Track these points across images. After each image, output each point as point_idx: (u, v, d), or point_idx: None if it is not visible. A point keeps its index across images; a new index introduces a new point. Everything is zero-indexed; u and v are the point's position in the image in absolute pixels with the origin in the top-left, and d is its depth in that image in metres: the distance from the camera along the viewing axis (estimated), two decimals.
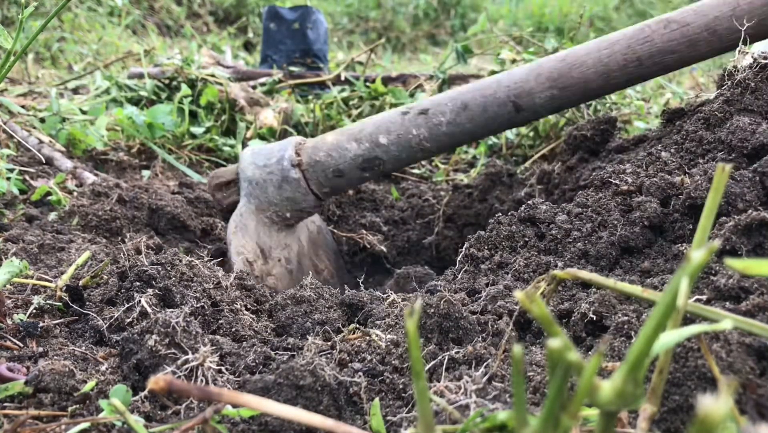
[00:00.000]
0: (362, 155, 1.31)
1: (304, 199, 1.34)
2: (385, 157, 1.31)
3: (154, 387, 0.40)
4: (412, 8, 7.25)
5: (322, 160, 1.32)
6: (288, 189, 1.32)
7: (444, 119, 1.27)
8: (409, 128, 1.29)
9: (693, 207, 0.92)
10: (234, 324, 0.92)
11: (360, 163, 1.31)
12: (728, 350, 0.60)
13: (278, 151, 1.35)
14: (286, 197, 1.33)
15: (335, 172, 1.32)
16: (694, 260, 0.39)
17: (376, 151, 1.30)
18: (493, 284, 0.95)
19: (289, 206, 1.34)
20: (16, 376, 0.73)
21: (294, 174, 1.32)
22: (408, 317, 0.40)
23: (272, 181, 1.33)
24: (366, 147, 1.30)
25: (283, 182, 1.32)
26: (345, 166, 1.31)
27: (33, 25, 3.27)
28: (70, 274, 0.99)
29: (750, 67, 1.05)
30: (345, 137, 1.33)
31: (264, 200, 1.34)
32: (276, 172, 1.33)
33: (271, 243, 1.36)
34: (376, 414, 0.66)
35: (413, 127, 1.28)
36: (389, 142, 1.29)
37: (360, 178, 1.35)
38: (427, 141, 1.28)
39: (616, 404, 0.36)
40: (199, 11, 6.01)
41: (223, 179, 1.43)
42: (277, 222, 1.36)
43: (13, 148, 1.75)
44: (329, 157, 1.32)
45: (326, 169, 1.32)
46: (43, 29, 0.94)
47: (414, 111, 1.29)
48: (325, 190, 1.35)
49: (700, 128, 1.05)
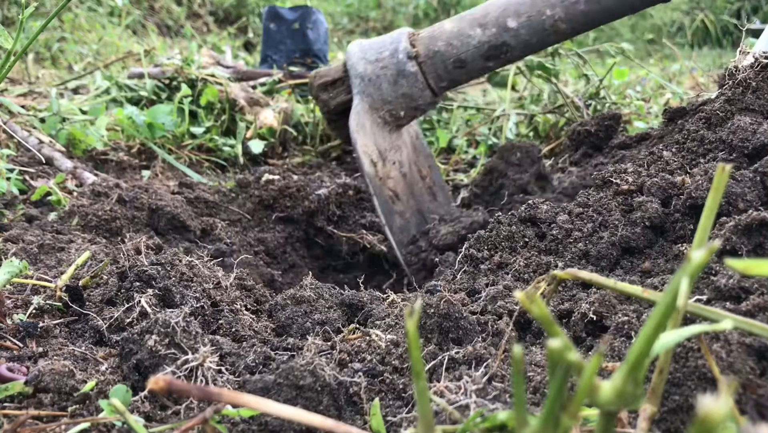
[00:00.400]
0: (488, 42, 1.21)
1: (421, 96, 1.25)
2: (513, 43, 1.21)
3: (154, 387, 0.40)
4: (412, 8, 7.26)
5: (441, 51, 1.23)
6: (404, 84, 1.24)
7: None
8: (543, 9, 1.19)
9: (694, 207, 0.92)
10: (234, 324, 0.92)
11: (485, 51, 1.21)
12: (728, 350, 0.60)
13: (390, 44, 1.26)
14: (402, 93, 1.25)
15: (456, 63, 1.23)
16: (694, 260, 0.39)
17: (504, 37, 1.20)
18: (493, 284, 0.95)
19: (404, 104, 1.26)
20: (16, 376, 0.73)
21: (411, 67, 1.24)
22: (408, 317, 0.40)
23: (386, 76, 1.25)
24: (492, 33, 1.21)
25: (399, 77, 1.24)
26: (468, 55, 1.22)
27: (33, 25, 3.27)
28: (69, 274, 0.99)
29: (751, 66, 1.05)
30: (467, 23, 1.23)
31: (378, 98, 1.26)
32: (390, 66, 1.25)
33: (385, 145, 1.30)
34: (376, 414, 0.66)
35: (547, 7, 1.19)
36: (519, 25, 1.19)
37: (482, 69, 1.25)
38: (562, 21, 1.18)
39: (616, 404, 0.36)
40: (199, 11, 6.01)
41: (329, 78, 1.36)
42: (389, 123, 1.29)
43: (13, 148, 1.75)
44: (450, 46, 1.23)
45: (446, 60, 1.23)
46: (43, 29, 0.94)
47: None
48: (443, 84, 1.27)
49: (702, 128, 1.05)
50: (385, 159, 1.28)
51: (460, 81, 1.28)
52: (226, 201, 1.70)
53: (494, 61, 1.23)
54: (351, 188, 1.76)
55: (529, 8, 1.20)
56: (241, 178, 1.81)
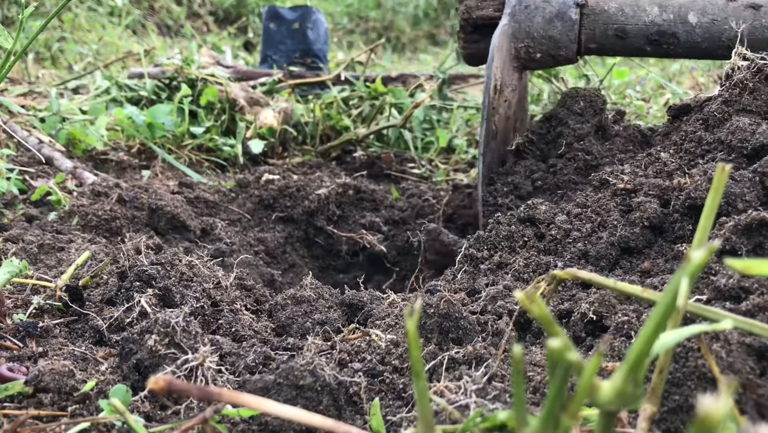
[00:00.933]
0: (660, 25, 1.16)
1: (567, 46, 1.21)
2: (683, 38, 1.16)
3: (154, 387, 0.40)
4: (412, 8, 7.25)
5: (610, 12, 1.18)
6: (558, 27, 1.20)
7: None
8: (729, 18, 1.14)
9: (693, 207, 0.92)
10: (234, 324, 0.92)
11: (652, 32, 1.17)
12: (728, 350, 0.60)
13: None
14: (550, 36, 1.21)
15: (618, 31, 1.18)
16: (694, 259, 0.39)
17: (678, 28, 1.15)
18: (492, 284, 0.95)
19: (546, 46, 1.22)
20: (16, 376, 0.73)
21: (573, 13, 1.19)
22: (408, 317, 0.40)
23: (544, 11, 1.20)
24: (668, 18, 1.16)
25: (556, 18, 1.20)
26: (633, 29, 1.17)
27: (33, 25, 3.27)
28: (69, 274, 0.99)
29: (748, 68, 1.05)
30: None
31: (525, 28, 1.22)
32: (553, 3, 1.20)
33: (506, 79, 1.25)
34: (376, 414, 0.66)
35: (734, 18, 1.14)
36: (698, 23, 1.14)
37: (638, 50, 1.20)
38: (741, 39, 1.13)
39: (616, 404, 0.36)
40: (199, 11, 6.01)
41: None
42: (520, 60, 1.25)
43: (13, 148, 1.75)
44: (620, 12, 1.18)
45: (610, 23, 1.18)
46: (43, 29, 0.94)
47: (742, 2, 1.14)
48: (592, 46, 1.22)
49: (699, 129, 1.05)
50: (502, 92, 1.23)
51: (609, 51, 1.23)
52: (226, 201, 1.70)
53: (654, 48, 1.18)
54: (351, 188, 1.76)
55: (718, 12, 1.15)
56: (241, 178, 1.81)
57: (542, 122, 1.27)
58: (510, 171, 1.25)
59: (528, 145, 1.26)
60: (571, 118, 1.20)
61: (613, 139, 1.25)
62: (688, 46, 1.17)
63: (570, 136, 1.20)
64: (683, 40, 1.16)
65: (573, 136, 1.20)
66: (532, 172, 1.20)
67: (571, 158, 1.17)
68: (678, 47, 1.17)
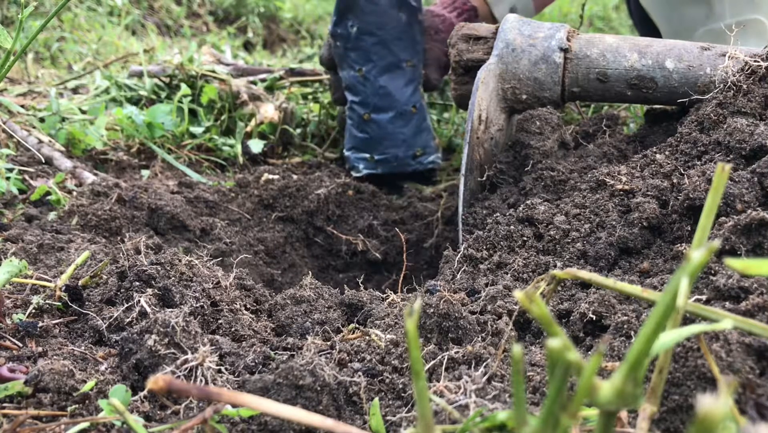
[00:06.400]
0: (639, 70, 1.19)
1: (551, 88, 1.24)
2: (660, 83, 1.19)
3: (154, 387, 0.40)
4: None
5: (592, 57, 1.22)
6: (542, 69, 1.23)
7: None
8: (704, 65, 1.17)
9: (691, 208, 0.92)
10: (233, 324, 0.92)
11: (632, 77, 1.20)
12: (728, 350, 0.60)
13: (549, 29, 1.26)
14: (535, 77, 1.24)
15: (599, 75, 1.21)
16: (694, 259, 0.39)
17: (656, 73, 1.19)
18: (492, 284, 0.95)
19: (531, 88, 1.25)
20: (16, 376, 0.73)
21: (557, 57, 1.22)
22: (407, 317, 0.40)
23: (530, 54, 1.24)
24: (647, 63, 1.19)
25: (541, 61, 1.23)
26: (614, 73, 1.20)
27: (33, 24, 3.27)
28: (69, 274, 0.99)
29: (741, 70, 1.05)
30: (627, 45, 1.22)
31: (511, 70, 1.25)
32: (539, 47, 1.24)
33: (492, 116, 1.28)
34: (375, 414, 0.66)
35: (709, 65, 1.17)
36: (675, 69, 1.18)
37: (618, 94, 1.24)
38: (715, 85, 1.15)
39: (616, 404, 0.36)
40: (199, 11, 6.01)
41: (475, 32, 1.35)
42: (507, 101, 1.28)
43: (13, 147, 1.75)
44: (602, 57, 1.21)
45: (592, 68, 1.22)
46: (42, 29, 0.94)
47: (716, 51, 1.18)
48: (575, 89, 1.25)
49: (694, 130, 1.05)
50: (488, 127, 1.26)
51: (592, 94, 1.27)
52: (225, 201, 1.70)
53: (634, 92, 1.22)
54: (351, 188, 1.76)
55: (693, 59, 1.18)
56: (240, 177, 1.81)
57: (508, 151, 1.31)
58: (487, 196, 1.30)
59: (499, 176, 1.29)
60: (532, 139, 1.23)
61: (585, 149, 1.28)
62: (666, 91, 1.20)
63: (536, 155, 1.23)
64: (661, 84, 1.20)
65: (539, 154, 1.23)
66: (507, 196, 1.24)
67: (537, 178, 1.19)
68: (656, 92, 1.21)
